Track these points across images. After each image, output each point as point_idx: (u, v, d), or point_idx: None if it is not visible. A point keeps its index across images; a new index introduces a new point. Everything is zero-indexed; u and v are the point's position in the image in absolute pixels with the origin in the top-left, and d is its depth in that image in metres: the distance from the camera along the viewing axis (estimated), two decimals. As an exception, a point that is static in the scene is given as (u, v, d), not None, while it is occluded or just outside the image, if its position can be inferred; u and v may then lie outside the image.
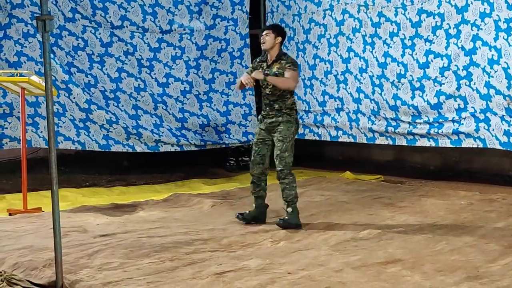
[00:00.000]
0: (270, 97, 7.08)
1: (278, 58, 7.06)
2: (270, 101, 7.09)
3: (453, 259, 5.69)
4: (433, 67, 8.99)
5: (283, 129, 7.02)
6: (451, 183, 9.49)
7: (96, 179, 10.51)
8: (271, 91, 7.04)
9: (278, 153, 6.99)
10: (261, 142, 7.16)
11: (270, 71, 7.02)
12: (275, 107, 7.06)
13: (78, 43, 10.02)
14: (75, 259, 5.87)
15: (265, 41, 7.03)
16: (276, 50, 7.08)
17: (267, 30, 7.11)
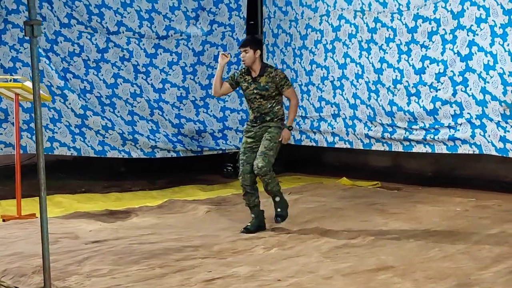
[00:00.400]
0: (261, 110, 7.05)
1: (263, 70, 7.03)
2: (261, 114, 7.06)
3: (444, 266, 5.64)
4: (429, 73, 8.93)
5: (272, 131, 7.01)
6: (447, 190, 9.42)
7: (92, 185, 10.45)
8: (260, 104, 7.02)
9: (262, 150, 6.93)
10: (249, 150, 7.08)
11: (259, 85, 7.00)
12: (266, 119, 7.06)
13: (74, 48, 10.00)
14: (65, 266, 5.85)
15: (245, 59, 6.99)
16: (258, 63, 7.05)
17: (244, 47, 7.02)
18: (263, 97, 7.00)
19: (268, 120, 7.03)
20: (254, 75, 7.04)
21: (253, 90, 7.03)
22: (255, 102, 7.04)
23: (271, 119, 7.04)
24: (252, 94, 7.02)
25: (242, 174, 7.08)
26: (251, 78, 7.05)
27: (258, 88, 6.99)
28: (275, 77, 6.99)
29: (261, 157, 6.90)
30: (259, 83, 6.99)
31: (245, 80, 7.09)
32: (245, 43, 7.13)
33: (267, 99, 7.01)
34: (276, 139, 6.99)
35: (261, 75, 7.01)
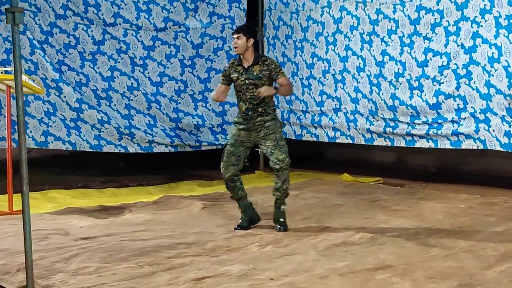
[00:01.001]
0: (253, 101, 6.74)
1: (257, 60, 6.76)
2: (253, 105, 6.75)
3: (446, 265, 5.40)
4: (431, 66, 8.72)
5: (270, 124, 6.75)
6: (452, 186, 9.21)
7: (89, 180, 10.28)
8: (253, 94, 6.73)
9: (274, 143, 6.68)
10: (239, 143, 6.82)
11: (252, 74, 6.70)
12: (258, 110, 6.76)
13: (69, 40, 9.80)
14: (51, 263, 5.66)
15: (237, 45, 6.71)
16: (251, 52, 6.76)
17: (237, 33, 6.74)
18: (256, 86, 6.69)
19: (260, 112, 6.75)
20: (246, 64, 6.77)
21: (244, 80, 6.72)
22: (247, 93, 6.74)
23: (263, 110, 6.75)
24: (243, 85, 6.73)
25: (225, 165, 6.81)
26: (242, 69, 6.76)
27: (251, 78, 6.70)
28: (270, 64, 6.72)
29: (277, 148, 6.67)
30: (252, 72, 6.71)
31: (236, 70, 6.79)
32: (238, 29, 6.85)
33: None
34: (278, 129, 6.78)
35: (255, 64, 6.73)
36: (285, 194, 6.78)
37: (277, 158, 6.64)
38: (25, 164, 4.98)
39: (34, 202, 8.64)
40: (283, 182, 6.70)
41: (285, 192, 6.77)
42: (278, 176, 6.69)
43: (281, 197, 6.77)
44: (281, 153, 6.65)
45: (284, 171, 6.66)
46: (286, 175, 6.69)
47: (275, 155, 6.65)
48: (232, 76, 6.80)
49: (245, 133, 6.80)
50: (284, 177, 6.68)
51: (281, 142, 6.71)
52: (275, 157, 6.65)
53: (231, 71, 6.81)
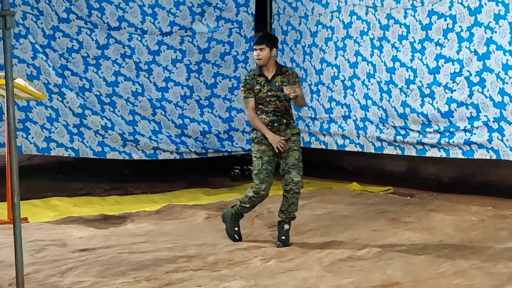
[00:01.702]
0: (277, 112, 6.50)
1: (280, 71, 6.52)
2: (278, 117, 6.51)
3: (456, 283, 5.18)
4: (443, 73, 8.48)
5: (296, 139, 6.53)
6: (464, 197, 8.95)
7: (93, 188, 10.10)
8: (276, 106, 6.48)
9: (294, 162, 6.43)
10: (272, 158, 6.51)
11: (274, 86, 6.46)
12: (283, 121, 6.53)
13: (72, 44, 9.61)
14: (45, 277, 5.51)
15: (261, 57, 6.44)
16: (273, 63, 6.53)
17: (260, 44, 6.44)
18: (278, 98, 6.46)
19: (285, 123, 6.52)
20: (268, 75, 6.51)
21: (267, 92, 6.47)
22: (270, 105, 6.49)
23: (288, 122, 6.54)
24: (266, 97, 6.47)
25: (261, 179, 6.42)
26: (264, 80, 6.50)
27: (273, 90, 6.46)
28: (291, 75, 6.53)
29: (296, 170, 6.42)
30: (274, 83, 6.47)
31: (258, 82, 6.51)
32: (260, 40, 6.50)
33: (283, 101, 6.49)
34: (300, 146, 6.57)
35: (277, 75, 6.49)
36: (290, 217, 6.52)
37: (292, 179, 6.39)
38: (16, 174, 4.79)
39: (35, 209, 8.51)
40: (289, 204, 6.45)
41: (290, 215, 6.51)
42: (286, 198, 6.44)
43: (286, 219, 6.52)
44: (298, 175, 6.42)
45: (294, 194, 6.42)
46: (295, 198, 6.44)
47: (292, 175, 6.40)
48: (255, 88, 6.52)
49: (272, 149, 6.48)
50: (293, 200, 6.44)
51: (300, 163, 6.48)
52: (291, 177, 6.40)
53: (253, 83, 6.52)
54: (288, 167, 6.43)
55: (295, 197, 6.42)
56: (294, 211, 6.48)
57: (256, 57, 6.48)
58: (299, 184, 6.40)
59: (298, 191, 6.42)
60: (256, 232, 7.06)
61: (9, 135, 4.83)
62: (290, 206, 6.45)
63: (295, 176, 6.39)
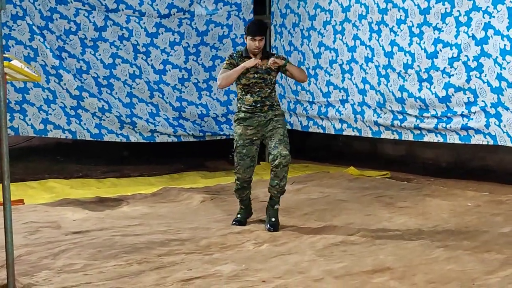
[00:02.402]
0: (262, 93, 6.52)
1: (267, 54, 6.56)
2: (262, 98, 6.52)
3: (448, 268, 5.16)
4: (441, 57, 8.41)
5: (279, 119, 6.56)
6: (461, 182, 8.92)
7: (91, 170, 10.10)
8: (261, 88, 6.51)
9: (281, 137, 6.44)
10: (249, 142, 6.55)
11: (260, 68, 6.47)
12: (266, 103, 6.55)
13: (70, 26, 9.54)
14: (38, 259, 5.49)
15: (261, 47, 6.46)
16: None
17: (263, 35, 6.47)
18: (265, 81, 6.50)
19: (269, 106, 6.55)
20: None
21: (254, 74, 6.49)
22: (255, 86, 6.52)
23: (271, 105, 6.57)
24: (252, 79, 6.49)
25: (242, 169, 6.55)
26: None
27: (260, 72, 6.47)
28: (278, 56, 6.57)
29: (283, 144, 6.42)
30: (261, 66, 6.47)
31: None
32: (263, 30, 6.55)
33: (268, 84, 6.54)
34: (285, 125, 6.61)
35: (264, 58, 6.48)
36: (282, 191, 6.54)
37: (280, 153, 6.37)
38: (6, 157, 4.74)
39: (31, 191, 8.52)
40: (281, 179, 6.44)
41: (282, 190, 6.52)
42: (276, 173, 6.42)
43: (277, 194, 6.54)
44: (285, 148, 6.41)
45: (284, 168, 6.40)
46: (285, 171, 6.43)
47: (278, 149, 6.39)
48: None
49: (252, 130, 6.55)
50: (283, 174, 6.42)
51: (287, 139, 6.50)
52: (278, 152, 6.38)
53: (239, 62, 6.51)
54: (275, 143, 6.43)
55: (284, 170, 6.40)
56: (284, 185, 6.51)
57: (256, 47, 6.44)
58: (288, 157, 6.38)
59: (286, 164, 6.39)
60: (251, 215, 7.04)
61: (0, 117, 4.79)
62: (281, 180, 6.43)
63: (282, 149, 6.38)
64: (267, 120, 6.54)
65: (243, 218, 6.71)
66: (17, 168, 9.58)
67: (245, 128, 6.55)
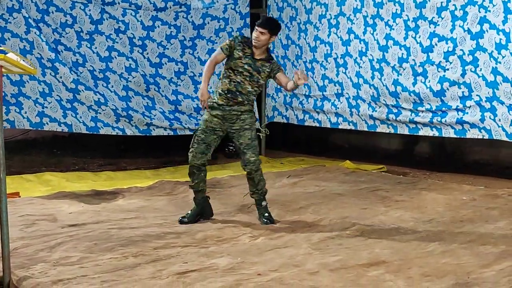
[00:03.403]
0: (239, 87, 6.42)
1: (267, 58, 6.46)
2: (237, 91, 6.42)
3: (443, 262, 5.17)
4: (437, 51, 8.41)
5: (247, 117, 6.45)
6: (457, 176, 8.95)
7: (87, 163, 10.10)
8: (244, 81, 6.42)
9: (248, 142, 6.39)
10: (210, 130, 6.48)
11: (254, 63, 6.40)
12: (238, 98, 6.44)
13: (66, 19, 9.50)
14: (35, 252, 5.50)
15: (259, 40, 6.33)
16: (266, 49, 6.48)
17: (264, 28, 6.33)
18: (251, 76, 6.40)
19: (240, 101, 6.43)
20: (256, 55, 6.42)
21: (245, 64, 6.39)
22: (238, 76, 6.40)
23: (242, 101, 6.44)
24: (241, 67, 6.38)
25: (194, 153, 6.47)
26: (250, 53, 6.41)
27: (251, 65, 6.39)
28: (273, 64, 6.46)
29: (250, 150, 6.39)
30: (255, 61, 6.40)
31: (243, 50, 6.41)
32: (265, 24, 6.39)
33: (253, 82, 6.42)
34: (254, 125, 6.49)
35: (263, 60, 6.42)
36: (262, 194, 6.54)
37: (248, 160, 6.36)
38: (2, 150, 4.75)
39: (27, 184, 8.51)
40: (256, 184, 6.45)
41: (261, 193, 6.54)
42: (252, 179, 6.43)
43: (259, 197, 6.53)
44: (253, 154, 6.38)
45: (255, 173, 6.41)
46: (259, 176, 6.44)
47: (247, 155, 6.38)
48: (236, 52, 6.41)
49: (218, 121, 6.49)
50: (258, 179, 6.43)
51: (254, 142, 6.44)
52: (247, 158, 6.37)
53: (238, 47, 6.42)
54: (243, 147, 6.41)
55: (256, 175, 6.41)
56: (263, 186, 6.52)
57: (255, 38, 6.36)
58: (256, 162, 6.38)
59: (257, 169, 6.40)
60: (247, 209, 7.05)
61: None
62: (258, 185, 6.45)
63: (250, 156, 6.36)
64: (233, 116, 6.45)
65: (189, 216, 6.56)
66: (13, 161, 9.58)
67: (212, 117, 6.51)
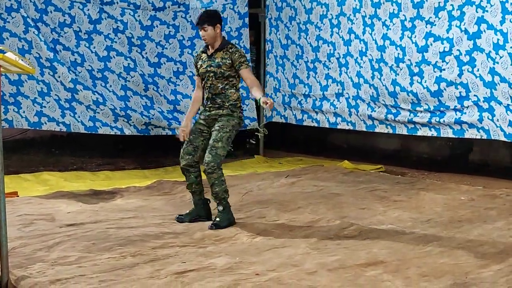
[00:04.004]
0: (212, 90, 6.44)
1: (222, 47, 6.43)
2: (212, 95, 6.44)
3: (441, 262, 5.16)
4: (432, 51, 8.41)
5: (222, 120, 6.39)
6: (456, 176, 8.96)
7: (85, 162, 10.10)
8: (212, 83, 6.43)
9: (211, 142, 6.29)
10: (198, 132, 6.50)
11: (213, 61, 6.40)
12: (217, 101, 6.44)
13: (64, 19, 9.50)
14: (32, 251, 5.50)
15: (206, 37, 6.37)
16: (220, 39, 6.45)
17: (202, 24, 6.36)
18: (215, 75, 6.39)
19: (219, 104, 6.43)
20: (210, 52, 6.45)
21: (206, 68, 6.42)
22: (208, 81, 6.44)
23: (222, 103, 6.42)
24: (205, 73, 6.42)
25: (182, 153, 6.52)
26: (206, 56, 6.46)
27: (212, 65, 6.40)
28: (234, 53, 6.38)
29: (208, 150, 6.27)
30: (214, 59, 6.40)
31: (200, 58, 6.52)
32: (201, 20, 6.39)
33: (219, 79, 6.40)
34: (226, 128, 6.35)
35: (218, 51, 6.41)
36: (217, 198, 6.34)
37: (204, 159, 6.27)
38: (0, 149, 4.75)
39: (25, 184, 8.52)
40: (211, 186, 6.30)
41: (217, 198, 6.34)
42: (208, 177, 6.29)
43: (215, 200, 6.38)
44: (209, 155, 6.22)
45: (209, 175, 6.25)
46: (213, 179, 6.24)
47: (206, 155, 6.27)
48: (198, 64, 6.55)
49: (204, 124, 6.52)
50: (212, 181, 6.26)
51: (217, 143, 6.26)
52: (204, 157, 6.28)
53: (197, 60, 6.58)
54: (208, 147, 6.32)
55: (210, 177, 6.24)
56: (218, 192, 6.29)
57: (203, 38, 6.43)
58: (210, 164, 6.20)
59: (210, 172, 6.21)
60: (245, 208, 7.06)
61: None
62: (212, 187, 6.30)
63: (207, 156, 6.23)
64: (213, 120, 6.45)
65: (186, 216, 6.57)
66: (12, 161, 9.58)
67: (200, 119, 6.56)
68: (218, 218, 6.33)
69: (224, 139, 6.30)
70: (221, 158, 6.27)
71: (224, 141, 6.30)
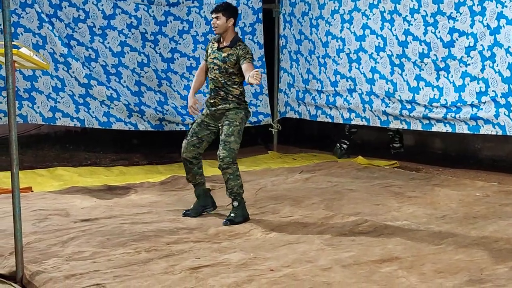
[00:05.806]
0: (215, 82, 6.44)
1: (233, 43, 6.40)
2: (215, 87, 6.44)
3: (457, 258, 5.13)
4: (458, 47, 8.35)
5: (230, 113, 6.37)
6: (471, 172, 8.91)
7: (99, 158, 10.12)
8: (215, 76, 6.42)
9: (223, 137, 6.28)
10: (205, 124, 6.50)
11: (220, 55, 6.39)
12: (220, 93, 6.43)
13: (78, 14, 9.52)
14: (47, 246, 5.51)
15: (217, 25, 6.38)
16: (231, 33, 6.44)
17: (216, 13, 6.38)
18: (219, 68, 6.39)
19: (222, 96, 6.41)
20: (221, 45, 6.44)
21: (213, 59, 6.44)
22: (212, 72, 6.46)
23: (225, 95, 6.40)
24: (211, 63, 6.45)
25: (186, 145, 6.49)
26: (217, 47, 6.46)
27: (218, 58, 6.40)
28: (240, 50, 6.34)
29: (221, 145, 6.27)
30: (221, 53, 6.40)
31: (211, 47, 6.53)
32: (218, 8, 6.43)
33: (223, 73, 6.39)
34: (236, 121, 6.33)
35: (228, 47, 6.39)
36: (232, 193, 6.35)
37: (218, 155, 6.27)
38: (15, 144, 4.75)
39: (40, 179, 8.54)
40: (226, 181, 6.32)
41: (232, 193, 6.35)
42: (223, 173, 6.31)
43: (230, 196, 6.38)
44: (224, 150, 6.24)
45: (224, 170, 6.27)
46: (228, 174, 6.27)
47: (219, 150, 6.28)
48: (208, 51, 6.58)
49: (211, 118, 6.50)
50: (227, 177, 6.29)
51: (229, 138, 6.27)
52: (218, 153, 6.28)
53: (208, 47, 6.60)
54: (220, 142, 6.32)
55: (226, 173, 6.27)
56: (233, 187, 6.32)
57: (213, 26, 6.45)
58: (226, 160, 6.23)
59: (226, 167, 6.25)
60: (259, 204, 7.05)
61: (8, 104, 4.80)
62: (227, 183, 6.32)
63: (221, 151, 6.25)
64: (221, 114, 6.43)
65: (192, 210, 6.59)
66: (26, 156, 9.62)
67: (206, 112, 6.53)
68: (233, 214, 6.32)
69: (236, 133, 6.31)
70: (235, 152, 6.28)
71: (236, 134, 6.30)
